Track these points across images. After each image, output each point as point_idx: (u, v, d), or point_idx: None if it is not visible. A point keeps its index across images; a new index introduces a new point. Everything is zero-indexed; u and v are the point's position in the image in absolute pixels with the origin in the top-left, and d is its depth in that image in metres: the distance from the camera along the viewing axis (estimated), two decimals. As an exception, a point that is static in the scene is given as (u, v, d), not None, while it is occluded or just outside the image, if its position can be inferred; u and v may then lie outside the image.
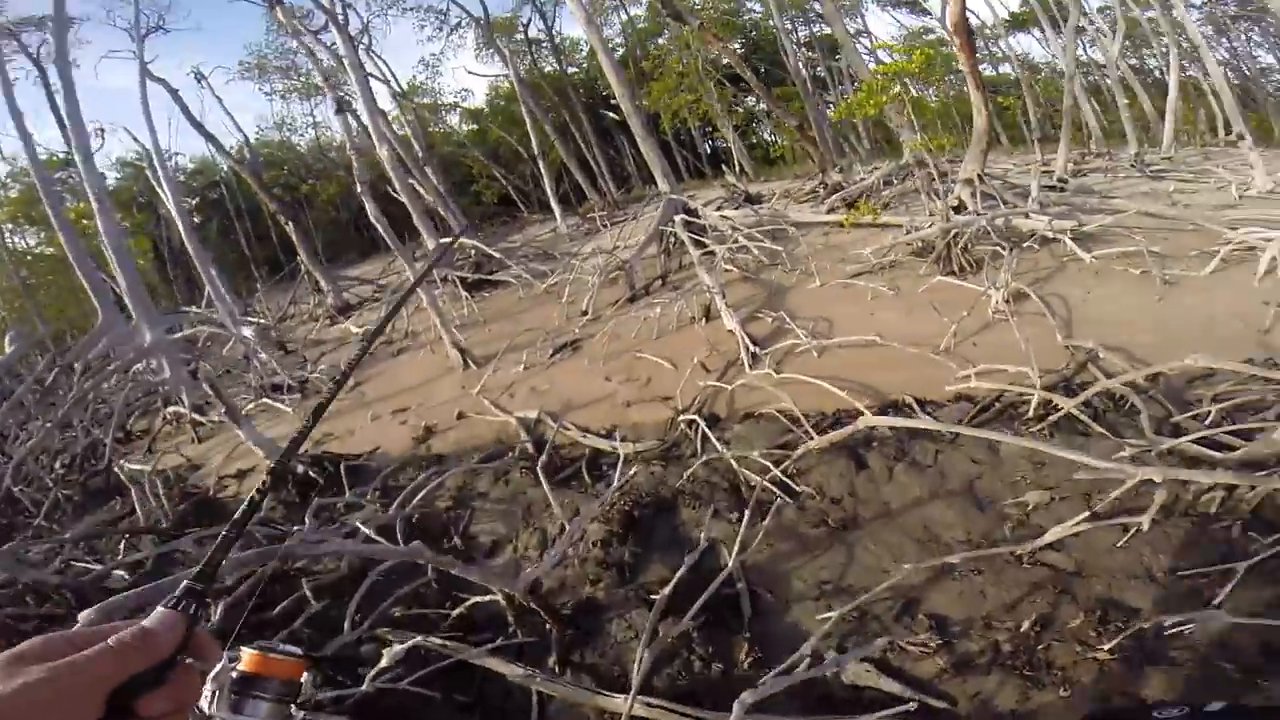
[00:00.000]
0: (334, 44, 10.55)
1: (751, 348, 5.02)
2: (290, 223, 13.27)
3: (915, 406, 4.19)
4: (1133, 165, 11.67)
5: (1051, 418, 3.69)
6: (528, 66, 25.17)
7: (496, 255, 10.09)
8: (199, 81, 18.12)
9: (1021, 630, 2.54)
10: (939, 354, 4.66)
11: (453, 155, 27.67)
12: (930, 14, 26.08)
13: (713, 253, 7.45)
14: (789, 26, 22.71)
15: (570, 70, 26.33)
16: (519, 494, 4.34)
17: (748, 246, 7.47)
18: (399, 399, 6.66)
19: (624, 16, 25.63)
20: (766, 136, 27.08)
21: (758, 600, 2.99)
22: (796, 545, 3.26)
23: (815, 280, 6.48)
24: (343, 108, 6.87)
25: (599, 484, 4.19)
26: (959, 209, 8.45)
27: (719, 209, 9.35)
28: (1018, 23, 24.44)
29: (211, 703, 0.59)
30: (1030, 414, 3.83)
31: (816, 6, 24.68)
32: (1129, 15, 15.47)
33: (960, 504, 3.29)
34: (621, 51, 26.22)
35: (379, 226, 7.52)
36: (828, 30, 25.58)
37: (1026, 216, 6.81)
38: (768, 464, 3.66)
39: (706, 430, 4.14)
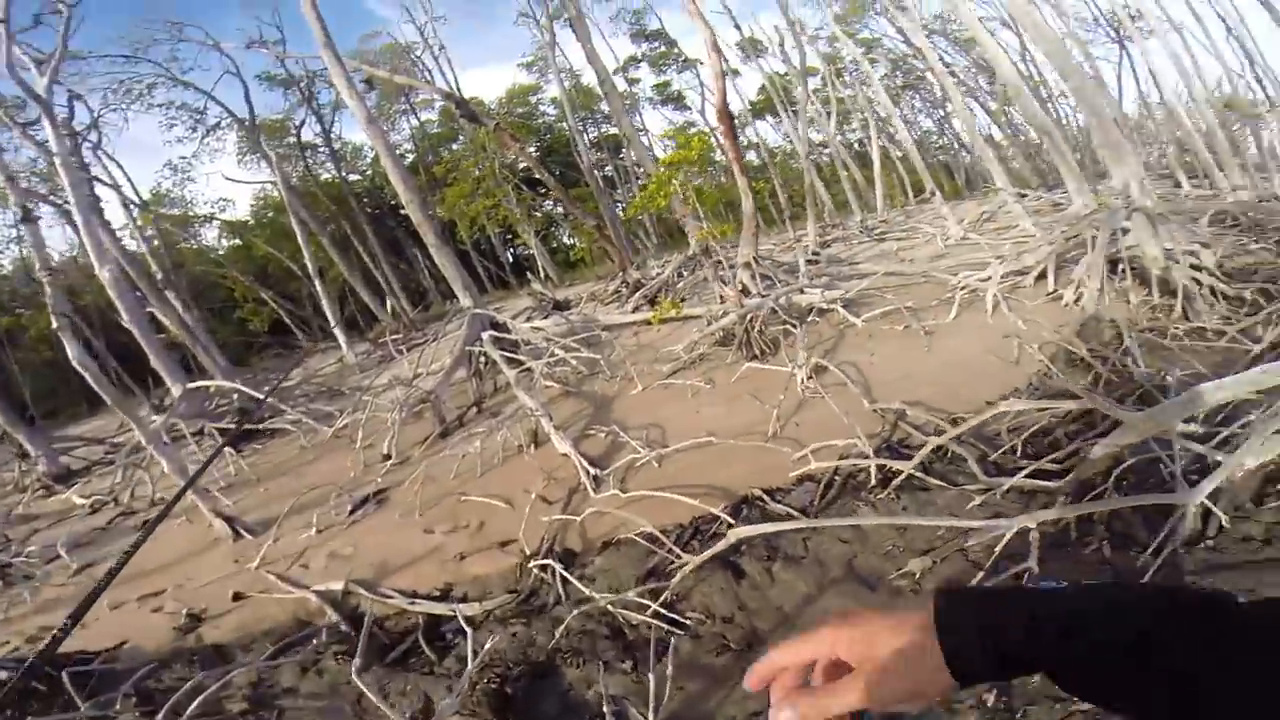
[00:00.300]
0: (46, 140, 8.54)
1: (591, 470, 4.62)
2: None
3: (766, 498, 4.12)
4: (861, 231, 13.84)
5: (894, 482, 3.82)
6: (301, 173, 23.29)
7: (264, 399, 8.58)
8: None
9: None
10: (769, 441, 4.72)
11: (208, 275, 24.13)
12: (691, 108, 29.92)
13: (530, 370, 7.03)
14: (580, 127, 24.15)
15: (352, 178, 24.84)
16: (339, 685, 3.39)
17: (564, 359, 7.18)
18: (148, 581, 5.06)
19: (414, 122, 25.21)
20: (565, 240, 28.05)
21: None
22: (708, 681, 2.88)
23: (637, 385, 6.38)
24: (29, 216, 5.31)
25: (448, 657, 3.41)
26: (744, 293, 9.21)
27: (528, 320, 9.06)
28: (757, 110, 28.98)
29: None
30: (873, 482, 3.94)
31: (603, 107, 26.76)
32: (836, 95, 19.02)
33: (849, 588, 3.23)
34: (412, 158, 25.60)
35: (85, 373, 5.85)
36: (612, 130, 27.90)
37: (802, 292, 7.55)
38: (644, 600, 3.25)
39: (564, 572, 3.60)
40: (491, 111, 20.72)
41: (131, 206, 18.47)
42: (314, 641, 3.80)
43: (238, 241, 25.75)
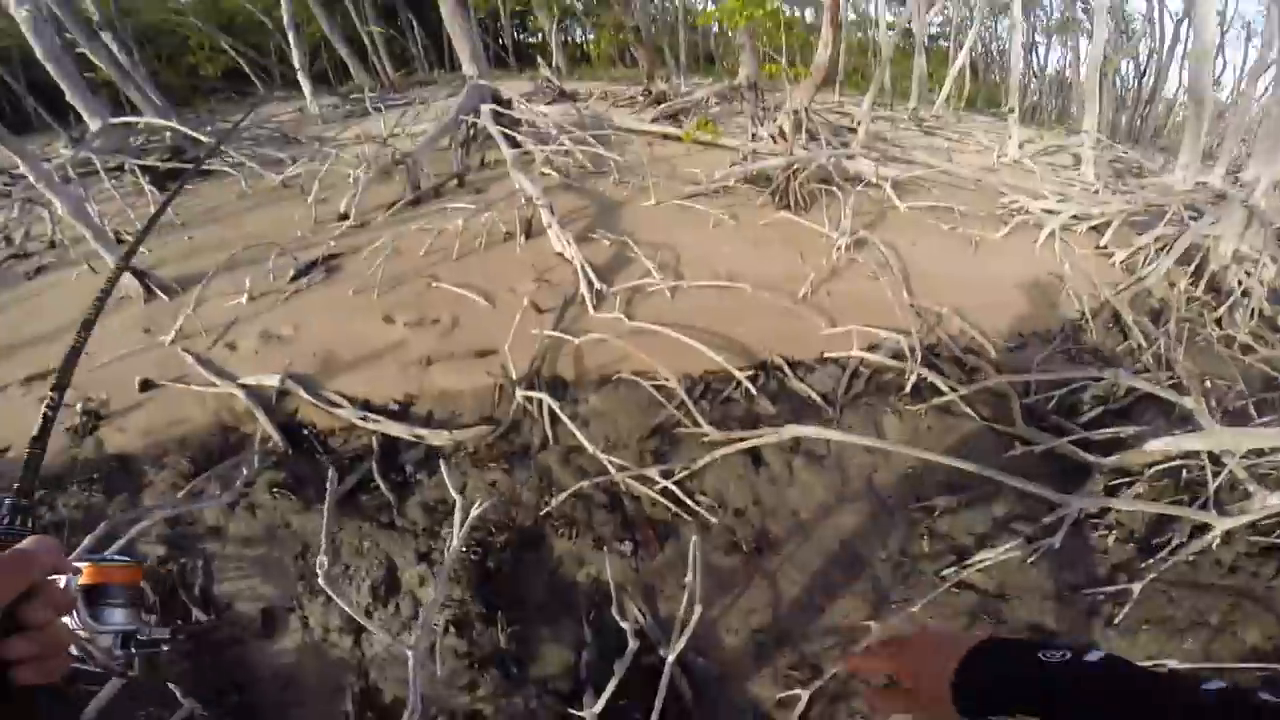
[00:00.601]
0: None
1: (595, 282, 3.88)
2: None
3: (787, 369, 3.56)
4: (911, 119, 12.57)
5: (934, 401, 3.32)
6: None
7: (202, 138, 7.17)
8: None
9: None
10: (797, 303, 4.09)
11: (165, 23, 20.49)
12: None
13: (529, 154, 5.95)
14: None
15: None
16: (278, 527, 2.77)
17: (572, 150, 6.09)
18: (35, 353, 4.14)
19: None
20: (580, 35, 24.75)
21: (690, 672, 2.08)
22: (713, 584, 2.45)
23: (651, 197, 5.41)
24: None
25: (409, 500, 2.82)
26: (780, 138, 8.14)
27: (530, 103, 7.71)
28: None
29: (72, 616, 0.62)
30: (906, 388, 3.44)
31: None
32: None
33: (868, 507, 2.81)
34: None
35: None
36: None
37: (851, 158, 6.62)
38: (650, 474, 2.71)
39: (554, 407, 2.99)
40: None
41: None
42: (242, 470, 3.03)
43: None
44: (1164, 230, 5.46)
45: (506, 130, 6.17)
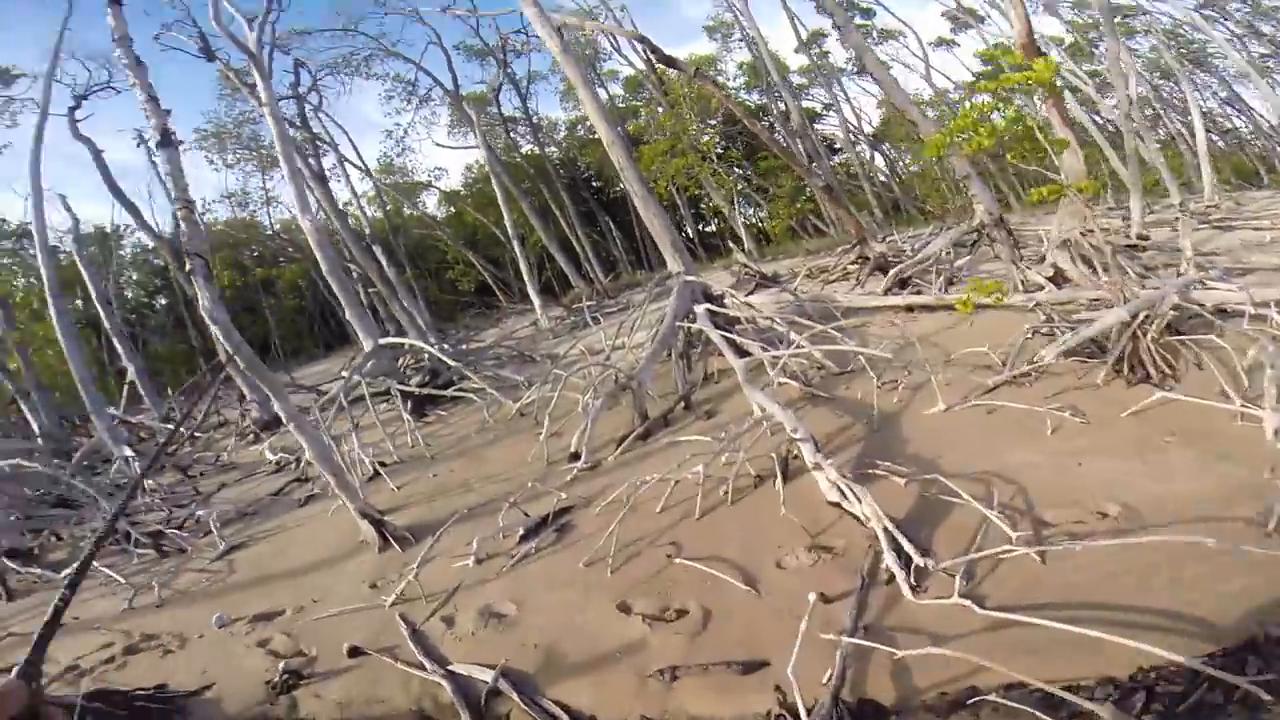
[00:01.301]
0: (271, 101, 8.71)
1: (910, 550, 2.68)
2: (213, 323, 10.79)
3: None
4: (1186, 214, 9.99)
5: None
6: (504, 145, 23.98)
7: (451, 363, 7.81)
8: (140, 145, 16.34)
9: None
10: (1269, 535, 2.46)
11: (426, 239, 25.97)
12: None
13: (756, 359, 5.18)
14: (773, 95, 21.89)
15: (549, 150, 25.05)
16: None
17: (807, 348, 5.15)
18: (276, 588, 4.23)
19: (603, 94, 24.75)
20: (752, 215, 25.66)
21: None
22: None
23: (937, 400, 4.10)
24: (167, 140, 4.73)
25: None
26: (1058, 280, 6.51)
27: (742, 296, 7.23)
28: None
29: None
30: None
31: (793, 79, 24.12)
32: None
33: None
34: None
35: (213, 326, 5.12)
36: (808, 103, 25.10)
37: (1201, 285, 4.79)
38: None
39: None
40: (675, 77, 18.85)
41: (356, 172, 20.00)
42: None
43: (451, 209, 27.26)
44: None
45: (726, 333, 5.59)
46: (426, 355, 8.45)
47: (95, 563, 5.06)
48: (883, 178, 25.75)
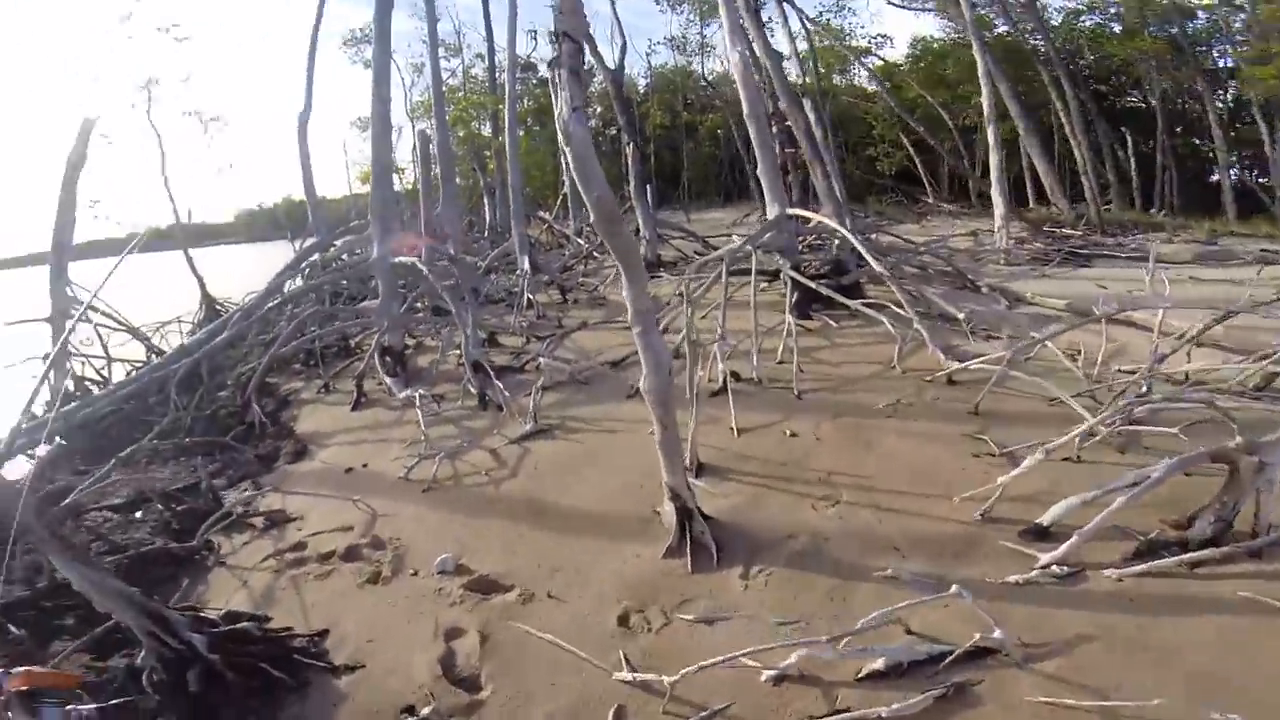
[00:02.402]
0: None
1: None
2: (630, 145, 10.49)
3: None
4: None
5: None
6: (976, 19, 18.13)
7: (873, 262, 5.43)
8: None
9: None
10: None
11: (850, 111, 22.52)
12: None
13: None
14: None
15: (1036, 39, 17.94)
16: None
17: None
18: (527, 535, 3.05)
19: None
20: None
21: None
22: None
23: None
24: None
25: None
26: None
27: None
28: None
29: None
30: None
31: None
32: None
33: None
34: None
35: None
36: None
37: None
38: None
39: None
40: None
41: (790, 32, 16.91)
42: None
43: (887, 83, 22.72)
44: None
45: None
46: (836, 241, 6.23)
47: (422, 391, 4.74)
48: None
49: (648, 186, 10.84)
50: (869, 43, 23.22)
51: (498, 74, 19.39)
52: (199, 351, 5.92)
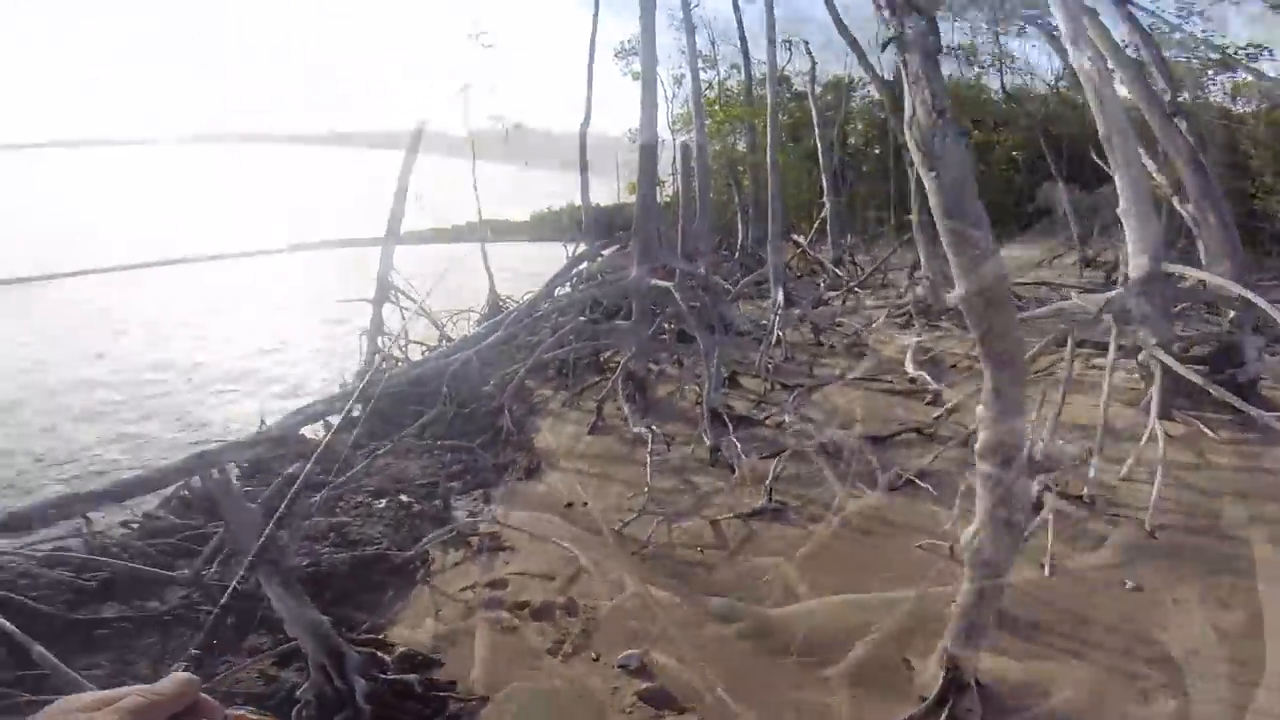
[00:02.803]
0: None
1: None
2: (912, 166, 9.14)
3: None
4: None
5: None
6: None
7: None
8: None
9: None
10: None
11: (1211, 134, 17.08)
12: None
13: None
14: None
15: None
16: None
17: None
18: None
19: None
20: None
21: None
22: None
23: None
24: None
25: None
26: None
27: None
28: None
29: None
30: None
31: None
32: None
33: None
34: None
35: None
36: None
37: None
38: None
39: None
40: None
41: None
42: None
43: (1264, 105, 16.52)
44: None
45: None
46: (1230, 316, 4.39)
47: (655, 426, 4.34)
48: None
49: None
50: (1239, 54, 17.47)
51: (754, 87, 19.10)
52: (475, 347, 6.43)
